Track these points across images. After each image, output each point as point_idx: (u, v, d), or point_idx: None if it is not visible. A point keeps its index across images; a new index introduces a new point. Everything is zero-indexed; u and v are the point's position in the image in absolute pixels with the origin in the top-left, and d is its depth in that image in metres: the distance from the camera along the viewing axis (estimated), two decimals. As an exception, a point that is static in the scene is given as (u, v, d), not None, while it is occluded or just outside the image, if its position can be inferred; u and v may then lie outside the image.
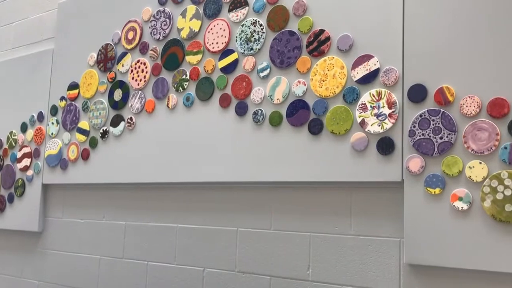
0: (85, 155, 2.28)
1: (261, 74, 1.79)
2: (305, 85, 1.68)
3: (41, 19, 2.68)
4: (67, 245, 2.34)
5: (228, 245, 1.83)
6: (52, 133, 2.45)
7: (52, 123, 2.46)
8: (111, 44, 2.28)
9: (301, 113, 1.68)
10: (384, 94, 1.52)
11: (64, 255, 2.34)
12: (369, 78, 1.56)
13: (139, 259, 2.07)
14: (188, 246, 1.93)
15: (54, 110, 2.47)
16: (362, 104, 1.56)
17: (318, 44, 1.68)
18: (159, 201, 2.05)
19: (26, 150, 2.56)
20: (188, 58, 2.01)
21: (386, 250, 1.50)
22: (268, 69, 1.78)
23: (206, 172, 1.88)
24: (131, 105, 2.16)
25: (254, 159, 1.77)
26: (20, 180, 2.56)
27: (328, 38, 1.66)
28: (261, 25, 1.81)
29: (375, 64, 1.55)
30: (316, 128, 1.64)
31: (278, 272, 1.70)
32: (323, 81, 1.65)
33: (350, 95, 1.59)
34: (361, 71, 1.57)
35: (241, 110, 1.82)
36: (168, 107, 2.03)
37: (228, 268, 1.81)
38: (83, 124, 2.32)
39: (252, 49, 1.83)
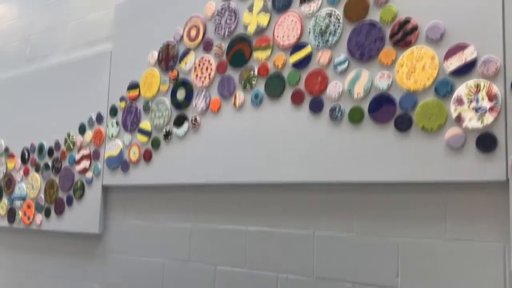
0: (147, 156, 2.23)
1: (339, 68, 1.69)
2: (390, 78, 1.57)
3: (98, 18, 2.64)
4: (129, 248, 2.28)
5: (304, 249, 1.73)
6: (112, 135, 2.40)
7: (112, 125, 2.41)
8: (172, 42, 2.22)
9: (386, 108, 1.57)
10: (484, 86, 1.39)
11: (126, 258, 2.29)
12: (465, 69, 1.43)
13: (206, 263, 1.99)
14: (259, 250, 1.84)
15: (113, 111, 2.42)
16: (457, 97, 1.44)
17: (404, 34, 1.56)
18: (226, 203, 1.97)
19: (84, 152, 2.53)
20: (256, 54, 1.92)
21: (488, 257, 1.37)
22: (347, 63, 1.67)
23: (277, 173, 1.79)
24: (195, 105, 2.09)
25: (332, 158, 1.66)
26: (79, 182, 2.52)
27: (415, 28, 1.54)
28: (337, 16, 1.71)
29: (471, 54, 1.42)
30: (404, 124, 1.53)
31: (361, 278, 1.59)
32: (411, 73, 1.53)
33: (443, 88, 1.46)
34: (455, 62, 1.45)
35: (316, 106, 1.72)
36: (235, 105, 1.95)
37: (305, 274, 1.71)
38: (145, 124, 2.27)
39: (327, 41, 1.73)
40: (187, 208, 2.09)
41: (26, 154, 2.86)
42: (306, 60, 1.77)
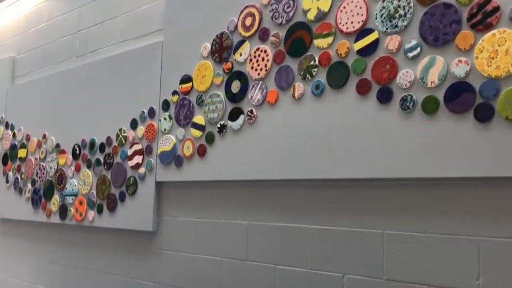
0: (201, 151, 2.16)
1: (410, 54, 1.57)
2: (468, 64, 1.44)
3: (148, 10, 2.59)
4: (184, 246, 2.22)
5: (373, 249, 1.62)
6: (164, 129, 2.35)
7: (165, 119, 2.36)
8: (226, 33, 2.14)
9: (464, 97, 1.44)
10: None
11: (180, 255, 2.23)
12: (559, 52, 1.29)
13: (265, 262, 1.91)
14: (322, 249, 1.75)
15: (166, 105, 2.37)
16: (550, 83, 1.30)
17: (484, 16, 1.43)
18: (285, 200, 1.88)
19: (137, 147, 2.49)
20: (317, 41, 1.82)
21: None
22: (419, 48, 1.55)
23: (341, 169, 1.69)
24: (251, 97, 2.00)
25: (403, 152, 1.55)
26: (131, 178, 2.48)
27: (496, 9, 1.41)
28: (407, -1, 1.59)
29: None
30: (484, 114, 1.40)
31: (438, 281, 1.47)
32: (493, 58, 1.40)
33: (532, 73, 1.33)
34: (546, 44, 1.31)
35: (385, 96, 1.61)
36: (294, 97, 1.86)
37: (373, 275, 1.61)
38: (198, 118, 2.20)
39: (396, 26, 1.61)
40: (244, 204, 2.01)
41: (77, 150, 2.85)
42: (373, 46, 1.66)
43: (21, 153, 3.27)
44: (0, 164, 3.46)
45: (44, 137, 3.10)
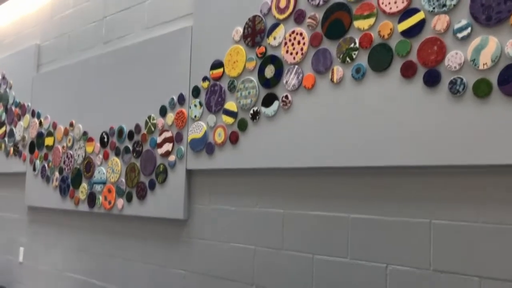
0: (233, 139, 2.11)
1: (459, 35, 1.49)
2: (525, 44, 1.36)
3: (177, -4, 2.53)
4: (216, 234, 2.18)
5: (419, 239, 1.55)
6: (195, 116, 2.30)
7: (195, 106, 2.31)
8: (259, 16, 2.07)
9: (520, 79, 1.36)
10: None
11: (213, 244, 2.19)
12: None
13: (302, 251, 1.85)
14: (364, 239, 1.69)
15: (196, 92, 2.31)
16: None
17: (543, -9, 1.34)
18: (324, 188, 1.82)
19: (167, 134, 2.44)
20: (357, 23, 1.74)
21: None
22: (469, 28, 1.47)
23: (384, 155, 1.62)
24: (286, 82, 1.94)
25: (454, 138, 1.47)
26: (161, 165, 2.44)
27: (558, -17, 1.32)
28: (456, -24, 1.50)
29: None
30: (544, 97, 1.31)
31: (490, 273, 1.40)
32: (553, 37, 1.31)
33: None
34: None
35: (432, 79, 1.53)
36: (333, 81, 1.79)
37: (419, 266, 1.54)
38: (230, 105, 2.14)
39: (444, 5, 1.52)
40: (279, 193, 1.96)
41: (105, 137, 2.82)
42: (419, 27, 1.58)
43: (48, 141, 3.25)
44: (27, 153, 3.46)
45: (71, 125, 3.08)
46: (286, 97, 1.93)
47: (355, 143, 1.70)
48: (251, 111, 2.05)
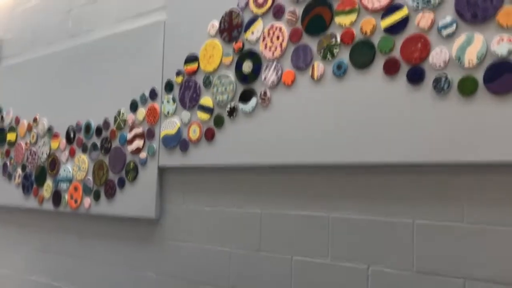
0: (209, 135, 2.04)
1: (444, 32, 1.46)
2: (510, 42, 1.35)
3: (149, -13, 2.44)
4: (190, 235, 2.11)
5: (401, 240, 1.53)
6: (168, 112, 2.22)
7: (168, 101, 2.23)
8: (236, 10, 2.01)
9: (506, 78, 1.35)
10: None
11: (186, 246, 2.12)
12: None
13: (280, 253, 1.81)
14: (345, 240, 1.65)
15: (169, 87, 2.23)
16: None
17: (529, -11, 1.33)
18: (303, 187, 1.78)
19: (137, 131, 2.35)
20: (339, 19, 1.70)
21: None
22: (454, 25, 1.45)
23: (365, 153, 1.59)
24: (265, 78, 1.88)
25: (438, 136, 1.45)
26: (131, 163, 2.35)
27: (544, -19, 1.31)
28: (441, -28, 1.48)
29: None
30: (530, 96, 1.30)
31: (476, 273, 1.38)
32: (539, 36, 1.30)
33: None
34: None
35: (416, 77, 1.51)
36: (313, 78, 1.74)
37: (402, 268, 1.52)
38: (206, 100, 2.07)
39: (429, 2, 1.50)
40: (256, 192, 1.91)
41: (72, 133, 2.70)
42: (402, 23, 1.55)
43: (10, 136, 3.10)
44: (-13, 149, 3.29)
45: (35, 120, 2.94)
46: (265, 93, 1.87)
47: (336, 141, 1.66)
48: (228, 107, 1.99)
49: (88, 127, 2.61)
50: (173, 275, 2.15)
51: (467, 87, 1.41)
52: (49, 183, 2.79)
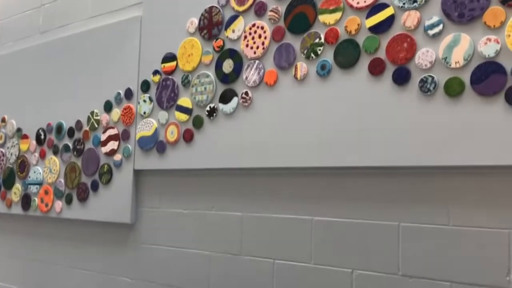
0: (188, 137, 1.98)
1: (430, 32, 1.44)
2: (498, 43, 1.33)
3: (124, -17, 2.36)
4: (167, 239, 2.04)
5: (385, 243, 1.50)
6: (144, 112, 2.15)
7: (144, 101, 2.16)
8: (216, 7, 1.96)
9: (493, 79, 1.33)
10: None
11: (163, 250, 2.05)
12: None
13: (262, 257, 1.76)
14: (328, 243, 1.61)
15: (145, 86, 2.16)
16: None
17: (517, -10, 1.32)
18: (285, 190, 1.73)
19: (112, 132, 2.27)
20: (323, 17, 1.67)
21: None
22: (441, 25, 1.43)
23: (350, 155, 1.56)
24: (246, 78, 1.84)
25: (424, 138, 1.43)
26: (105, 165, 2.27)
27: (531, -18, 1.30)
28: (428, -29, 1.46)
29: None
30: (518, 97, 1.29)
31: (462, 277, 1.36)
32: (527, 36, 1.29)
33: None
34: None
35: (402, 77, 1.48)
36: (296, 78, 1.70)
37: (387, 271, 1.49)
38: (184, 101, 2.01)
39: (415, 1, 1.48)
40: (236, 195, 1.85)
41: (42, 134, 2.60)
42: (387, 23, 1.52)
43: (-24, 138, 2.97)
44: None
45: (3, 120, 2.83)
46: (246, 93, 1.83)
47: (319, 143, 1.62)
48: (208, 108, 1.93)
49: (59, 127, 2.51)
50: (150, 280, 2.08)
51: (453, 88, 1.39)
52: (18, 186, 2.68)
